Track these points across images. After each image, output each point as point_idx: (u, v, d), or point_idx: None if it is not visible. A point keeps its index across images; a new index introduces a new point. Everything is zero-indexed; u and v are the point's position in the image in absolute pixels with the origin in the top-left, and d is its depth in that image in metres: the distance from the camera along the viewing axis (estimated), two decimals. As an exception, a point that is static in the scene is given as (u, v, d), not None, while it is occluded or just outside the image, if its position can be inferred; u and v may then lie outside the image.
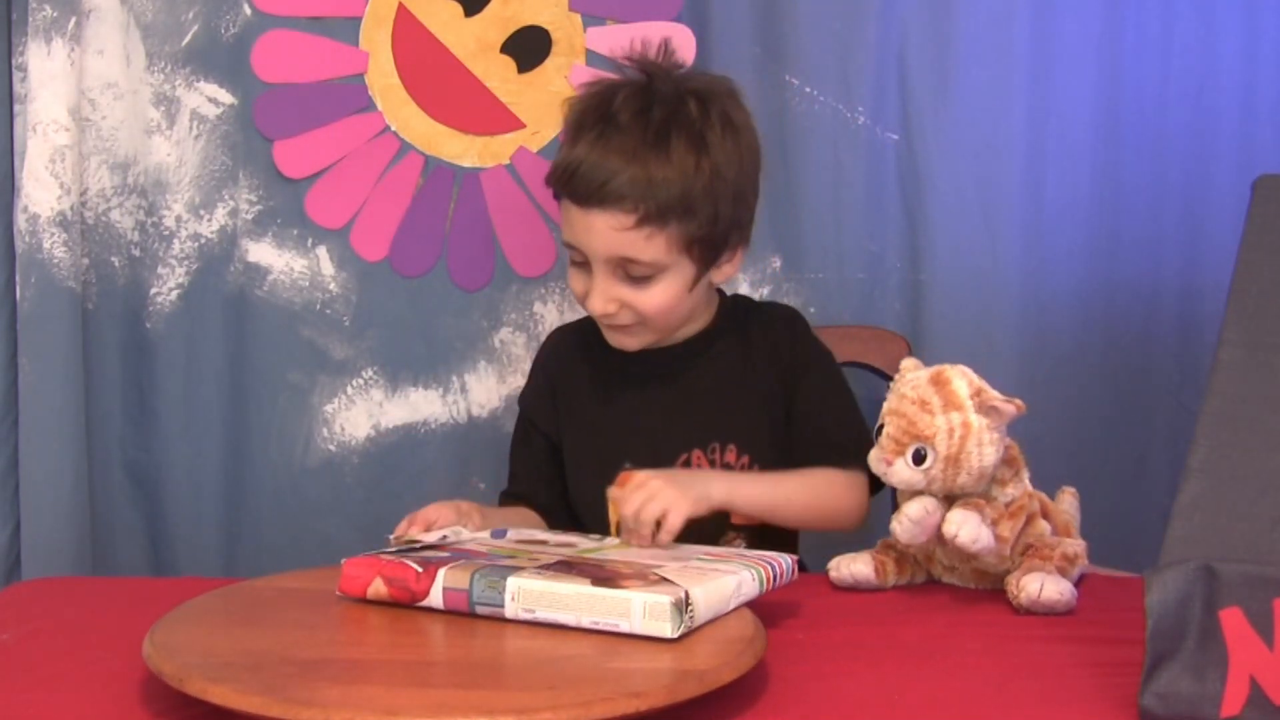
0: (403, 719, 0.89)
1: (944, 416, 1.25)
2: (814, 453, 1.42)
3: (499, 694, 0.95)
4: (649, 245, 1.37)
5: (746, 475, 1.39)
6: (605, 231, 1.37)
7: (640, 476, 1.28)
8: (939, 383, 1.27)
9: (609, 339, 1.47)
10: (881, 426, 1.29)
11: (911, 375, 1.31)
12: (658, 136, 1.37)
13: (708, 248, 1.40)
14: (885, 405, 1.31)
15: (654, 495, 1.25)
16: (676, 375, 1.48)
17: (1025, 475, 1.31)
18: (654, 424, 1.47)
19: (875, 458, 1.29)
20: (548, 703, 0.90)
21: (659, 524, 1.25)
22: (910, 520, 1.26)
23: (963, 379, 1.27)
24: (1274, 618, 0.93)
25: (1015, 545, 1.28)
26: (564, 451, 1.53)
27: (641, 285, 1.40)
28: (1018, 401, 1.25)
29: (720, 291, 1.53)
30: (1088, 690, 1.03)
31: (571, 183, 1.38)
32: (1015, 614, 1.23)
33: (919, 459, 1.25)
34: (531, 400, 1.58)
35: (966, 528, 1.23)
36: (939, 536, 1.26)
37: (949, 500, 1.27)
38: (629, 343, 1.46)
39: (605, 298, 1.40)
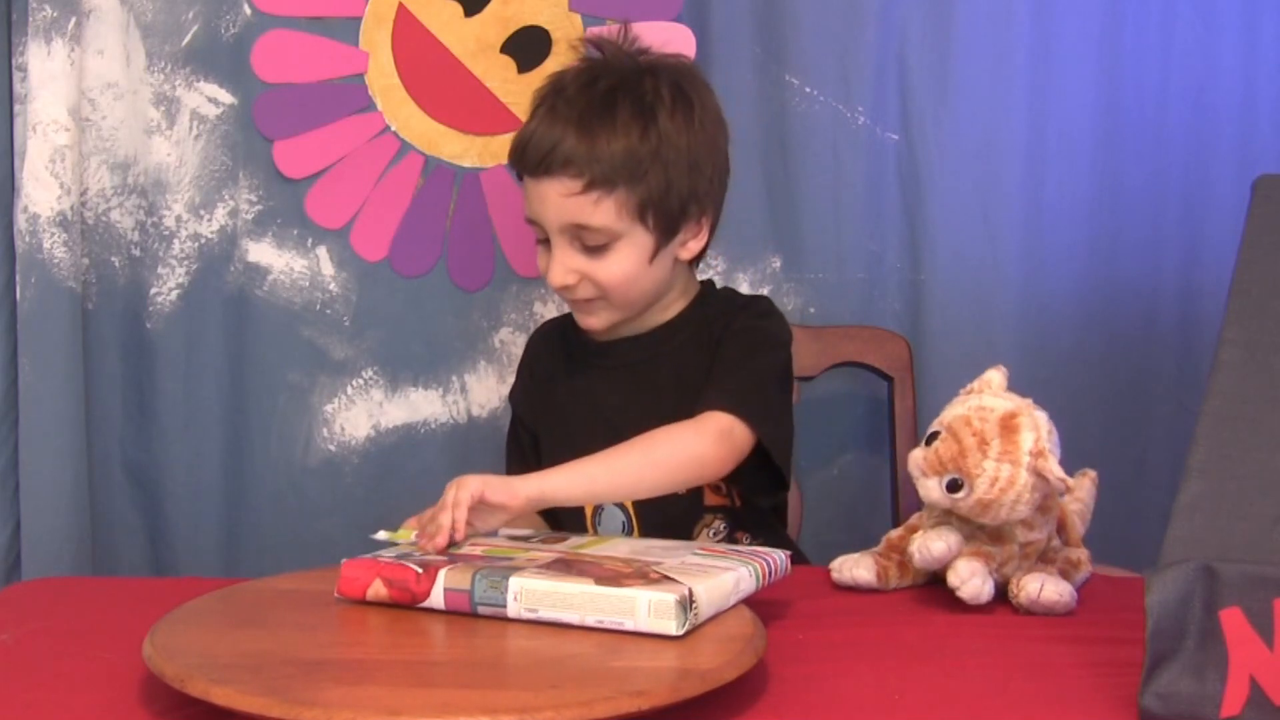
0: (406, 719, 0.89)
1: (995, 463, 1.21)
2: (700, 398, 1.38)
3: (502, 693, 0.95)
4: (598, 210, 1.37)
5: (564, 465, 1.32)
6: (556, 199, 1.38)
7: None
8: (1007, 428, 1.22)
9: (577, 319, 1.47)
10: (936, 434, 1.25)
11: (989, 400, 1.25)
12: (603, 104, 1.38)
13: (662, 216, 1.40)
14: (948, 411, 1.26)
15: (460, 482, 1.24)
16: (640, 365, 1.48)
17: (1054, 516, 1.29)
18: (616, 414, 1.46)
19: (916, 460, 1.26)
20: (551, 702, 0.90)
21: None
22: (932, 556, 1.24)
23: (1031, 433, 1.22)
24: (1274, 618, 0.93)
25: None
26: (539, 443, 1.54)
27: (598, 255, 1.40)
28: (1070, 482, 1.21)
29: (708, 284, 1.53)
30: (1088, 690, 1.03)
31: (523, 156, 1.41)
32: (1015, 614, 1.23)
33: (953, 487, 1.23)
34: (516, 394, 1.59)
35: (970, 585, 1.21)
36: None
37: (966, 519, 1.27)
38: (594, 322, 1.46)
39: (564, 269, 1.41)
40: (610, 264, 1.40)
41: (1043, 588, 1.21)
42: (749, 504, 1.45)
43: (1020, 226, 1.77)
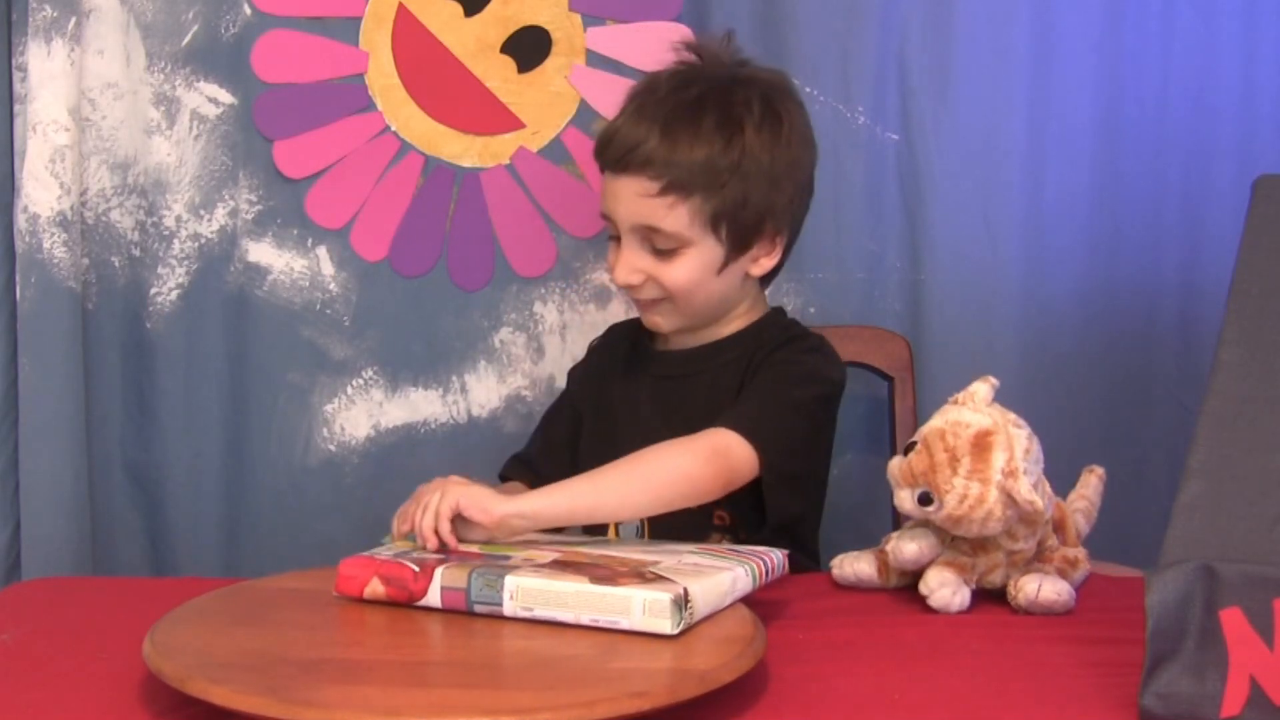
0: (405, 719, 0.89)
1: (964, 481, 1.20)
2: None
3: (500, 694, 0.95)
4: (671, 215, 1.38)
5: (553, 485, 1.28)
6: (631, 198, 1.39)
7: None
8: (979, 445, 1.20)
9: (643, 319, 1.48)
10: (914, 444, 1.25)
11: (968, 415, 1.23)
12: (691, 110, 1.39)
13: (736, 229, 1.40)
14: (929, 423, 1.25)
15: (443, 489, 1.23)
16: (681, 380, 1.48)
17: (1041, 527, 1.27)
18: (650, 420, 1.47)
19: (893, 470, 1.26)
20: (549, 703, 0.91)
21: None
22: (904, 557, 1.24)
23: (1004, 453, 1.20)
24: (1274, 618, 0.93)
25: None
26: (581, 428, 1.55)
27: (666, 259, 1.40)
28: (1038, 504, 1.20)
29: (777, 310, 1.53)
30: (1088, 690, 1.03)
31: (605, 150, 1.42)
32: (1015, 614, 1.23)
33: (924, 500, 1.22)
34: (577, 371, 1.61)
35: (938, 595, 1.22)
36: None
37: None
38: (660, 322, 1.46)
39: (629, 268, 1.42)
40: (676, 269, 1.40)
41: (1041, 587, 1.22)
42: (756, 527, 1.42)
43: (1020, 226, 1.77)
